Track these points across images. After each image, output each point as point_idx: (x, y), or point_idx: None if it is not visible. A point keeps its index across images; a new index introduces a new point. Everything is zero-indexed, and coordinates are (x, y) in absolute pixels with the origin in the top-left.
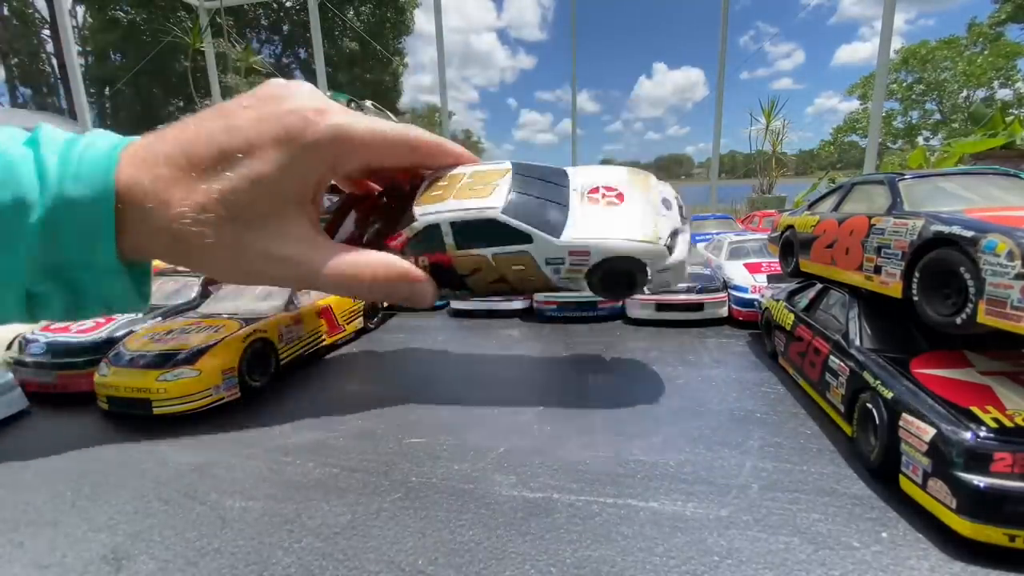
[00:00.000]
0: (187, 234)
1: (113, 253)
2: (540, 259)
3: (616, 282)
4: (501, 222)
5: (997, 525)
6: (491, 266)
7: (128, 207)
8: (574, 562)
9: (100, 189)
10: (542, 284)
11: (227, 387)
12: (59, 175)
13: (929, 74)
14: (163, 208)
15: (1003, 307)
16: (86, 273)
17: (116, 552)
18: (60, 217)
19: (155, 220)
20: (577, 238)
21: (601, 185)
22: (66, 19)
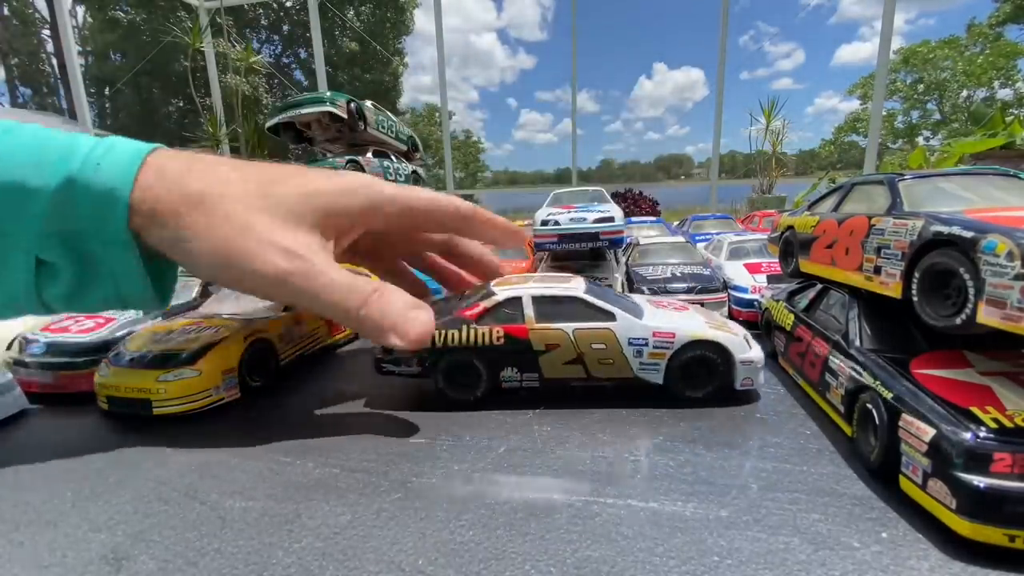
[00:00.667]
0: (199, 203)
1: (124, 220)
2: (623, 338)
3: (697, 370)
4: (585, 301)
5: (997, 525)
6: (570, 343)
7: (144, 192)
8: (574, 562)
9: (126, 164)
10: (620, 369)
11: (227, 387)
12: (89, 149)
13: (930, 74)
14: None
15: (1003, 307)
16: (97, 243)
17: (116, 552)
18: (80, 184)
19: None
20: (662, 322)
21: (666, 300)
22: (66, 19)
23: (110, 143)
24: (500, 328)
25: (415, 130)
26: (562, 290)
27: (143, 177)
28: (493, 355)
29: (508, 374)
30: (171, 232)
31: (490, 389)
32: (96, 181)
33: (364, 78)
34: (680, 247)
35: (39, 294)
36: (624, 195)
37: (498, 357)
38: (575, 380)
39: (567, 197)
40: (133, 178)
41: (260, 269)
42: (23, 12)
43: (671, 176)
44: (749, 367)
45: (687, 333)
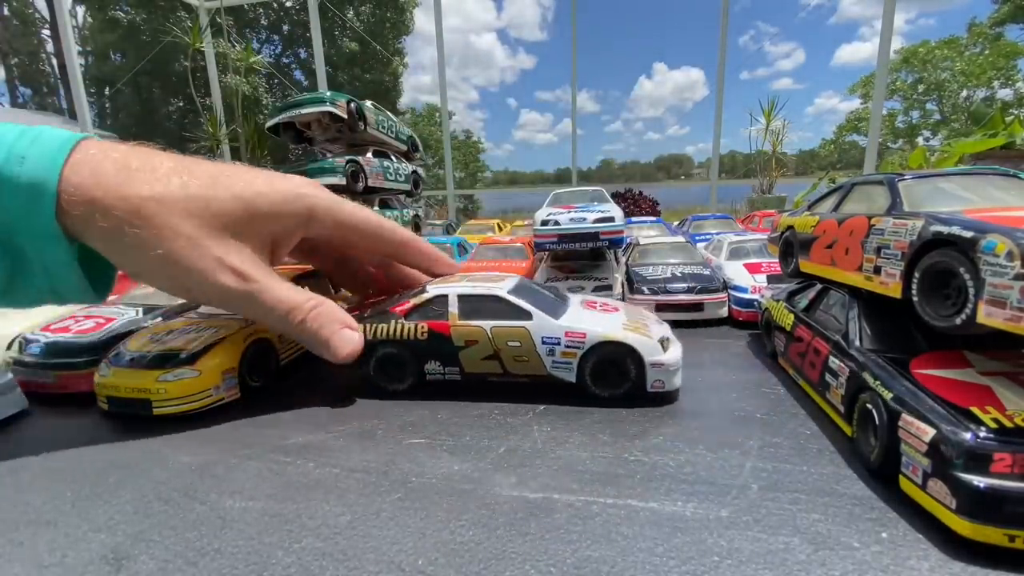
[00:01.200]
0: (140, 212)
1: (51, 214)
2: (537, 337)
3: (608, 370)
4: (506, 299)
5: (997, 525)
6: (487, 339)
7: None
8: (574, 562)
9: (50, 158)
10: (534, 367)
11: (227, 387)
12: (13, 140)
13: (930, 74)
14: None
15: (1003, 307)
16: (25, 237)
17: (116, 552)
18: (4, 176)
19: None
20: (574, 323)
21: (599, 300)
22: (66, 19)
23: (36, 133)
24: (425, 324)
25: (415, 130)
26: (485, 289)
27: (71, 172)
28: (418, 349)
29: (431, 367)
30: (112, 240)
31: (416, 380)
32: (21, 174)
33: (364, 78)
34: (680, 247)
35: None
36: (624, 195)
37: (422, 351)
38: (492, 375)
39: (567, 197)
40: (59, 171)
41: (208, 287)
42: (23, 12)
43: (671, 176)
44: (660, 369)
45: (597, 334)
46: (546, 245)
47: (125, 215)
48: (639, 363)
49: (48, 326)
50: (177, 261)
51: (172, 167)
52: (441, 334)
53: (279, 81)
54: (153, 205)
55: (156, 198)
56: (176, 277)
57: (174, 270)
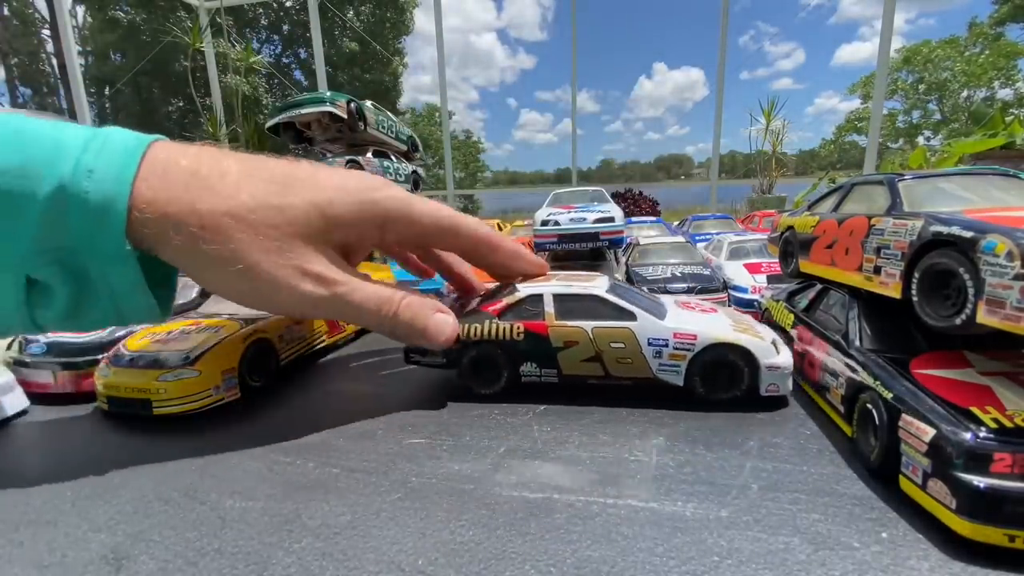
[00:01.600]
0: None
1: (122, 235)
2: (643, 338)
3: (720, 374)
4: (606, 299)
5: (997, 525)
6: (588, 340)
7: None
8: (574, 562)
9: (121, 171)
10: (639, 368)
11: (227, 387)
12: (80, 150)
13: (931, 74)
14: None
15: (1002, 307)
16: (92, 259)
17: (116, 552)
18: (73, 194)
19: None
20: (683, 324)
21: (695, 302)
22: (66, 19)
23: (103, 140)
24: (521, 324)
25: (415, 130)
26: (583, 288)
27: (142, 186)
28: (513, 350)
29: (528, 369)
30: (187, 256)
31: (511, 382)
32: (90, 189)
33: (364, 78)
34: (680, 247)
35: (32, 316)
36: (624, 195)
37: (518, 352)
38: (593, 378)
39: (567, 197)
40: (131, 185)
41: (294, 297)
42: (23, 12)
43: (671, 176)
44: (775, 373)
45: (709, 335)
46: (546, 245)
47: (199, 231)
48: (753, 366)
49: None
50: (258, 275)
51: (240, 171)
52: (538, 335)
53: (279, 81)
54: (229, 220)
55: (231, 212)
56: (258, 290)
57: (255, 284)
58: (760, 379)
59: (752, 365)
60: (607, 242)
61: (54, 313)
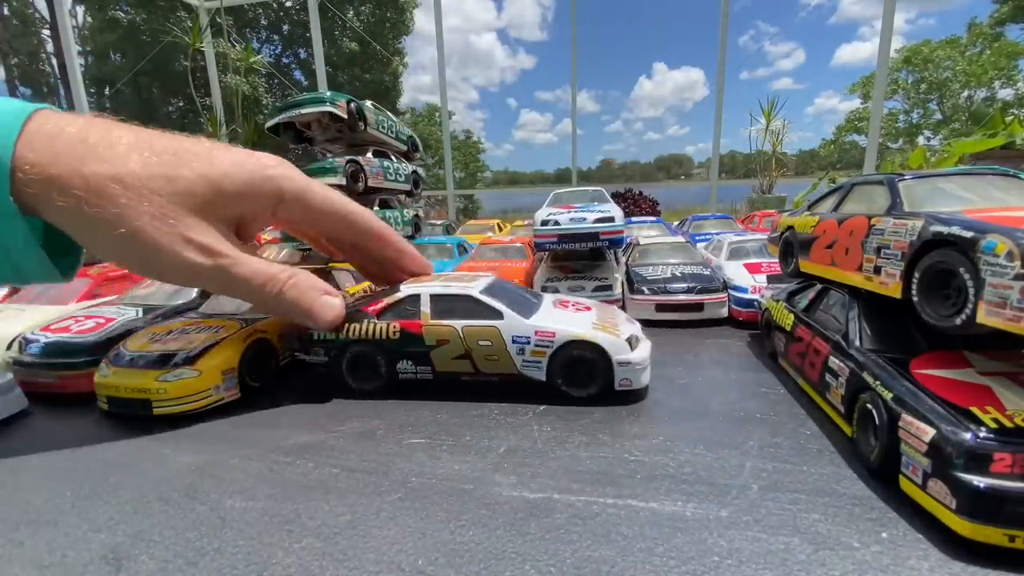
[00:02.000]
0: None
1: (7, 192)
2: (507, 336)
3: (577, 370)
4: (478, 299)
5: (997, 525)
6: (458, 338)
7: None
8: (574, 562)
9: (3, 134)
10: (504, 365)
11: (227, 387)
12: None
13: (931, 74)
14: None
15: (1003, 307)
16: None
17: (116, 552)
18: None
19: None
20: (544, 322)
21: (572, 300)
22: (66, 19)
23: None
24: (397, 323)
25: (415, 130)
26: (458, 288)
27: (28, 149)
28: (390, 348)
29: (404, 366)
30: (71, 218)
31: (389, 380)
32: None
33: (364, 78)
34: (680, 247)
35: None
36: (624, 195)
37: (395, 350)
38: (464, 374)
39: (567, 197)
40: (13, 147)
41: (176, 265)
42: (23, 12)
43: (671, 176)
44: (627, 368)
45: (566, 333)
46: (546, 245)
47: (84, 194)
48: (607, 362)
49: (48, 326)
50: (142, 240)
51: (132, 142)
52: (413, 333)
53: (279, 81)
54: (113, 185)
55: (117, 176)
56: (142, 257)
57: (139, 249)
58: (614, 374)
59: (607, 361)
60: (607, 242)
61: None
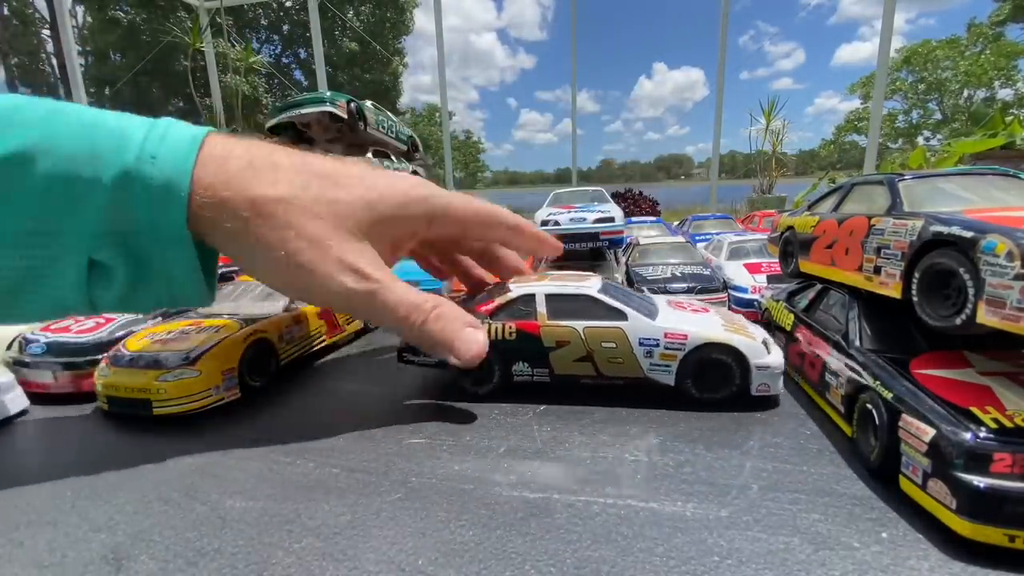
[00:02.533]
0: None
1: (183, 218)
2: (633, 337)
3: (711, 374)
4: (597, 299)
5: (997, 525)
6: (580, 340)
7: (207, 190)
8: (574, 562)
9: (182, 158)
10: (630, 368)
11: (227, 387)
12: (142, 139)
13: (931, 73)
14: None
15: (1002, 307)
16: (152, 242)
17: (116, 552)
18: (137, 179)
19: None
20: (674, 323)
21: (687, 302)
22: (66, 19)
23: (163, 130)
24: (513, 324)
25: (415, 130)
26: (575, 288)
27: (201, 172)
28: (505, 349)
29: (520, 368)
30: (236, 240)
31: (503, 382)
32: (153, 175)
33: (364, 78)
34: (680, 247)
35: (90, 297)
36: (624, 195)
37: (510, 352)
38: (585, 377)
39: (567, 197)
40: (191, 173)
41: (329, 288)
42: (23, 12)
43: (671, 176)
44: (765, 372)
45: (700, 335)
46: None
47: (252, 216)
48: (744, 365)
49: (48, 326)
50: (300, 263)
51: (292, 165)
52: (530, 334)
53: (279, 81)
54: (279, 207)
55: (282, 200)
56: (299, 278)
57: (297, 272)
58: (751, 379)
59: (743, 365)
60: (607, 242)
61: (111, 295)
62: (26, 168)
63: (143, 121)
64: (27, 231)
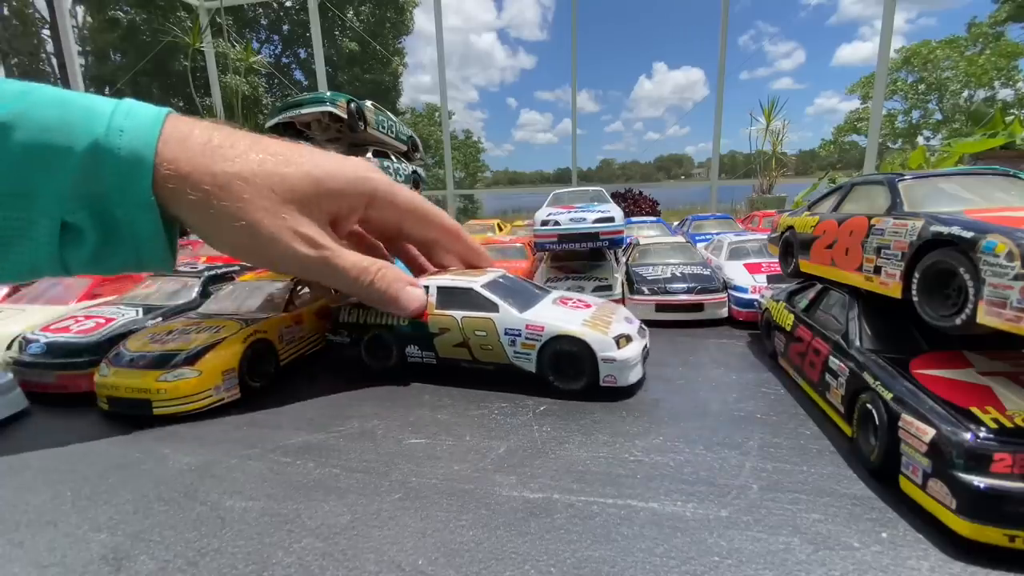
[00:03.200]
0: (226, 186)
1: (149, 185)
2: (500, 328)
3: (563, 363)
4: (476, 292)
5: (997, 525)
6: (458, 328)
7: (170, 162)
8: (574, 562)
9: (146, 131)
10: (497, 355)
11: (227, 387)
12: (109, 114)
13: (931, 73)
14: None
15: (1003, 307)
16: (120, 207)
17: (116, 552)
18: (106, 149)
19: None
20: (536, 316)
21: (574, 297)
22: (66, 19)
23: (127, 107)
24: None
25: (415, 130)
26: (462, 282)
27: (164, 148)
28: (401, 333)
29: (411, 350)
30: (199, 211)
31: (399, 362)
32: (121, 146)
33: (364, 78)
34: (680, 247)
35: (62, 257)
36: (624, 195)
37: (404, 336)
38: (463, 361)
39: (567, 197)
40: (155, 144)
41: (288, 255)
42: (23, 12)
43: (671, 176)
44: (611, 364)
45: (554, 328)
46: (546, 245)
47: (213, 189)
48: (592, 357)
49: (48, 326)
50: (259, 232)
51: (249, 144)
52: (420, 321)
53: (279, 81)
54: (238, 181)
55: (240, 175)
56: (258, 247)
57: (256, 240)
58: (599, 370)
59: (591, 357)
60: (607, 242)
61: (82, 255)
62: (4, 136)
63: (108, 100)
64: (5, 193)
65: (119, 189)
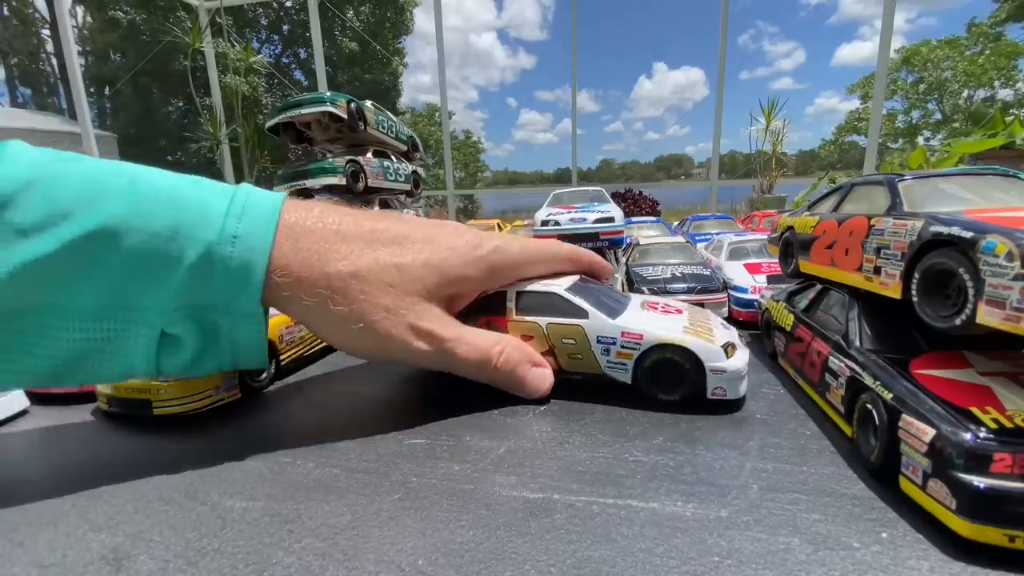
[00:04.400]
0: (343, 290)
1: (258, 297)
2: (592, 335)
3: (665, 374)
4: (562, 297)
5: (997, 526)
6: (543, 335)
7: (284, 269)
8: (574, 562)
9: (260, 238)
10: (588, 365)
11: (227, 387)
12: (223, 215)
13: (931, 73)
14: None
15: (1002, 308)
16: (225, 316)
17: (116, 552)
18: (217, 259)
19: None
20: (632, 323)
21: (661, 302)
22: (66, 19)
23: (241, 207)
24: (485, 318)
25: (415, 130)
26: (543, 286)
27: (278, 252)
28: None
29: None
30: (313, 315)
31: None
32: (233, 255)
33: (364, 78)
34: (680, 247)
35: (157, 365)
36: (624, 195)
37: None
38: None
39: (567, 197)
40: (269, 252)
41: (405, 351)
42: (23, 12)
43: (671, 176)
44: (721, 376)
45: (654, 336)
46: None
47: (328, 292)
48: (699, 368)
49: None
50: (377, 332)
51: (361, 235)
52: (500, 328)
53: (279, 81)
54: (354, 283)
55: (357, 274)
56: (376, 347)
57: (374, 340)
58: (706, 382)
59: (698, 367)
60: (607, 242)
61: (179, 362)
62: (110, 244)
63: (222, 191)
64: (105, 305)
65: (226, 299)
